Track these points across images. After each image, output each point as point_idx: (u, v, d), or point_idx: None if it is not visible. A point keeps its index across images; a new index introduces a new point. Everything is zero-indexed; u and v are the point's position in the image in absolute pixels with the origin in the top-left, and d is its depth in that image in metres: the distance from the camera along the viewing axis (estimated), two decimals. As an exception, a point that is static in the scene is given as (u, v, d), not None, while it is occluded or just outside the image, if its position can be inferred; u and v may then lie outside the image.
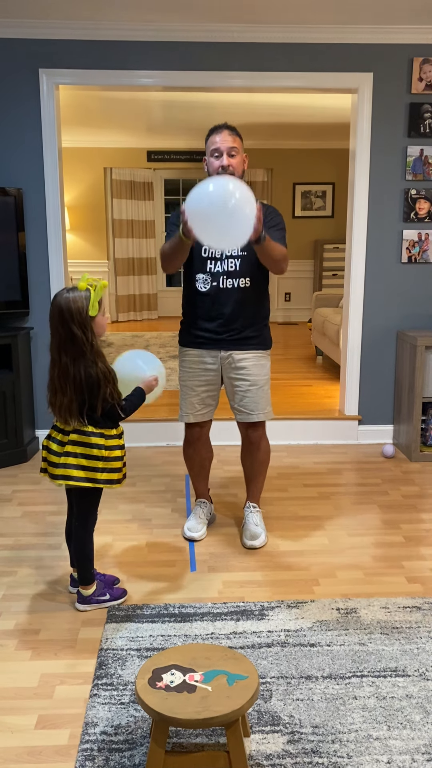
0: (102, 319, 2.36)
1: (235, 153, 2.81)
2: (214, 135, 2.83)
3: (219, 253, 2.86)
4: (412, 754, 1.82)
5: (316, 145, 8.87)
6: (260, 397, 2.97)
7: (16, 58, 4.01)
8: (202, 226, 2.51)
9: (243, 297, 2.90)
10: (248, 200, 2.47)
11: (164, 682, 1.69)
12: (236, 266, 2.86)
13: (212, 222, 2.48)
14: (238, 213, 2.45)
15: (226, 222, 2.46)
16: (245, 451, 3.10)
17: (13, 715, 1.99)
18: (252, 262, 2.87)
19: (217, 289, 2.89)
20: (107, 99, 6.04)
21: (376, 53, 4.10)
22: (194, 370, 3.00)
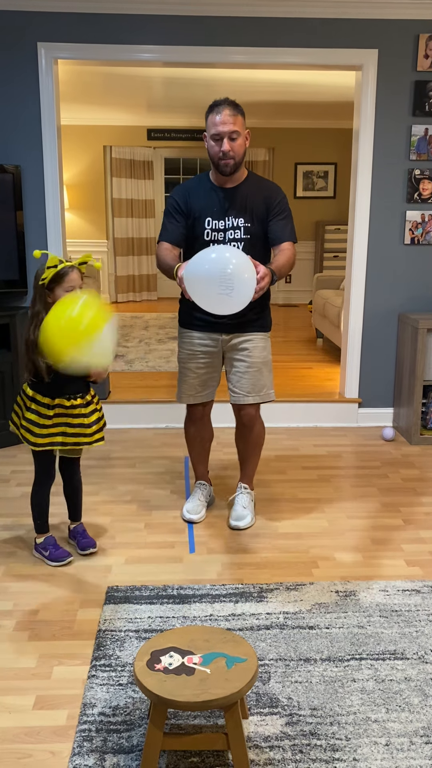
0: (64, 294, 2.48)
1: (236, 136, 2.70)
2: (213, 114, 2.71)
3: (222, 236, 2.81)
4: (411, 737, 1.82)
5: (318, 125, 8.75)
6: (257, 379, 2.93)
7: (13, 31, 3.93)
8: (200, 296, 2.51)
9: None
10: (246, 267, 2.45)
11: (163, 665, 1.68)
12: (239, 249, 2.76)
13: (211, 293, 2.47)
14: (237, 282, 2.44)
15: (225, 294, 2.45)
16: (238, 432, 3.07)
17: (11, 695, 1.99)
18: (255, 246, 2.82)
19: None
20: (107, 75, 5.95)
21: (381, 29, 4.02)
22: (194, 352, 2.96)
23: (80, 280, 2.54)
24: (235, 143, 2.70)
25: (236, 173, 2.79)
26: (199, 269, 2.47)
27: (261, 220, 2.81)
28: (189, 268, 2.50)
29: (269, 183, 2.92)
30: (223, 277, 2.41)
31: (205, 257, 2.48)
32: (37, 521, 2.77)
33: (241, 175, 2.83)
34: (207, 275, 2.44)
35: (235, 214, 2.80)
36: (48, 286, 2.51)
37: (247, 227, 2.81)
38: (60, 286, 2.50)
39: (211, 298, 2.48)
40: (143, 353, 6.05)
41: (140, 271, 9.34)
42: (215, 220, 2.80)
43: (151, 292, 9.50)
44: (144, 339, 6.68)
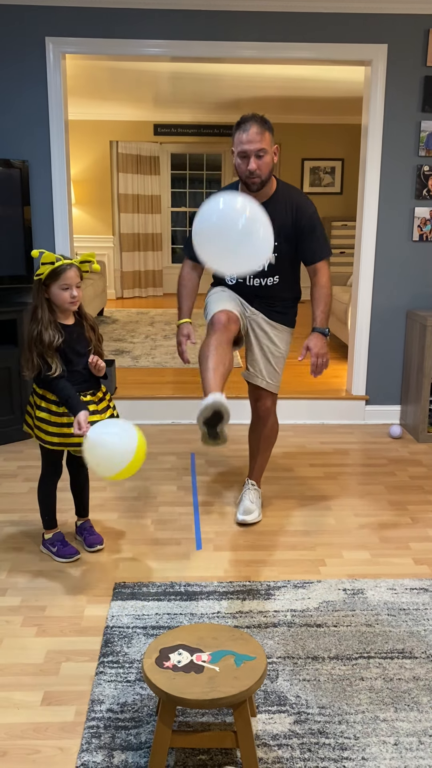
0: (60, 293, 2.50)
1: (263, 154, 2.64)
2: (240, 132, 2.64)
3: None
4: (419, 736, 1.82)
5: (326, 120, 8.72)
6: (273, 366, 2.95)
7: (22, 25, 3.92)
8: (210, 252, 2.33)
9: (272, 292, 2.88)
10: (261, 221, 2.25)
11: (171, 662, 1.68)
12: (264, 267, 2.78)
13: (222, 248, 2.28)
14: (251, 236, 2.24)
15: (236, 248, 2.25)
16: (253, 425, 3.08)
17: (20, 691, 1.99)
18: (283, 265, 2.83)
19: (244, 285, 2.87)
20: (114, 70, 5.93)
21: (390, 24, 3.99)
22: (226, 292, 2.89)
23: (77, 279, 2.52)
24: (262, 161, 2.65)
25: (264, 189, 2.75)
26: (207, 223, 2.25)
27: (289, 239, 2.79)
28: (197, 221, 2.29)
29: (298, 196, 2.84)
30: (235, 231, 2.21)
31: (213, 208, 2.26)
32: (44, 517, 2.76)
33: (270, 189, 2.78)
34: (216, 230, 2.24)
35: None
36: (44, 282, 2.50)
37: (276, 246, 2.70)
38: (55, 283, 2.49)
39: (222, 256, 2.31)
40: (149, 349, 6.05)
41: (146, 267, 9.33)
42: None
43: (156, 288, 9.49)
44: (150, 335, 6.68)
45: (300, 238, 2.80)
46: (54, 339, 2.51)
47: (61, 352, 2.53)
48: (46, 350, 2.50)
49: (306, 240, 2.80)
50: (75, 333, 2.59)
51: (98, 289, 7.25)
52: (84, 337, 2.62)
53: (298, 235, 2.79)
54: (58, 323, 2.56)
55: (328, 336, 2.84)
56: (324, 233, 2.85)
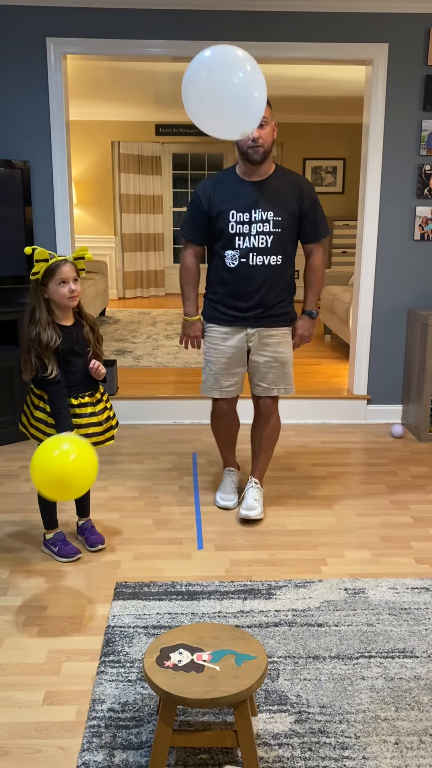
0: (57, 288, 2.49)
1: (264, 123, 2.69)
2: None
3: (248, 229, 2.78)
4: (420, 735, 1.81)
5: (327, 120, 8.71)
6: (283, 373, 2.97)
7: (22, 26, 3.92)
8: (198, 103, 2.21)
9: (272, 274, 2.85)
10: (258, 82, 2.18)
11: (172, 662, 1.68)
12: (267, 243, 2.79)
13: (212, 101, 2.18)
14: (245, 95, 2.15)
15: (230, 104, 2.15)
16: (255, 424, 3.10)
17: (21, 691, 1.99)
18: (285, 241, 2.83)
19: (246, 266, 2.82)
20: (115, 70, 5.93)
21: (391, 23, 3.99)
22: (218, 346, 2.96)
23: (74, 274, 2.51)
24: (264, 131, 2.70)
25: (264, 165, 2.78)
26: (197, 79, 2.15)
27: (292, 215, 2.82)
28: (186, 77, 2.21)
29: (300, 179, 2.91)
30: (229, 88, 2.15)
31: (202, 63, 2.19)
32: (45, 517, 2.76)
33: (269, 168, 2.82)
34: (208, 86, 2.14)
35: (264, 207, 2.78)
36: (41, 281, 2.49)
37: (278, 221, 2.78)
38: (52, 280, 2.48)
39: (213, 116, 2.21)
40: (151, 349, 6.05)
41: (148, 267, 9.33)
42: (240, 212, 2.78)
43: (158, 288, 9.49)
44: (152, 335, 6.68)
45: (303, 218, 2.85)
46: (52, 340, 2.49)
47: (59, 353, 2.52)
48: (43, 351, 2.49)
49: (306, 221, 2.85)
50: (74, 334, 2.58)
51: (100, 290, 7.25)
52: (83, 338, 2.61)
53: (301, 216, 2.84)
54: (57, 324, 2.54)
55: (315, 317, 3.02)
56: (323, 212, 2.91)
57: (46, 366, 2.49)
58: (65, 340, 2.53)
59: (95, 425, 2.63)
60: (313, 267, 2.98)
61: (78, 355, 2.58)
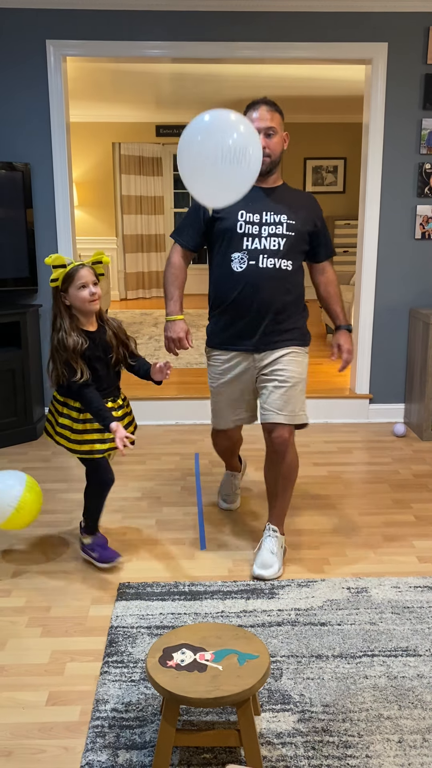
0: (77, 293, 2.45)
1: (272, 132, 2.56)
2: (250, 112, 2.58)
3: (257, 230, 2.57)
4: (423, 734, 1.82)
5: (327, 119, 8.71)
6: (291, 396, 2.60)
7: (22, 28, 3.93)
8: (194, 175, 2.15)
9: (283, 281, 2.60)
10: (252, 137, 2.09)
11: (175, 661, 1.68)
12: (279, 246, 2.57)
13: (207, 174, 2.10)
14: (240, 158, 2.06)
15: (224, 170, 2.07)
16: (268, 461, 2.68)
17: (25, 691, 2.00)
18: (297, 248, 2.63)
19: (255, 269, 2.56)
20: (116, 72, 5.94)
21: (390, 22, 3.99)
22: (224, 374, 2.73)
23: (92, 277, 2.46)
24: (272, 140, 2.57)
25: (273, 175, 2.65)
26: (192, 142, 2.05)
27: (305, 226, 2.64)
28: (181, 140, 2.12)
29: (307, 194, 2.80)
30: (224, 151, 2.03)
31: (199, 126, 2.09)
32: (88, 521, 2.70)
33: (278, 179, 2.70)
34: (202, 150, 2.03)
35: (277, 209, 2.60)
36: (61, 287, 2.45)
37: (292, 224, 2.60)
38: (72, 284, 2.43)
39: (207, 182, 2.11)
40: (153, 350, 6.05)
41: (149, 268, 9.34)
42: (249, 212, 2.59)
43: (160, 289, 9.50)
44: (154, 336, 6.69)
45: (316, 234, 2.70)
46: (78, 344, 2.42)
47: (85, 358, 2.45)
48: (70, 355, 2.41)
49: (320, 237, 2.72)
50: (98, 339, 2.51)
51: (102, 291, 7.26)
52: (106, 342, 2.53)
53: (314, 231, 2.69)
54: (82, 330, 2.48)
55: (351, 331, 2.86)
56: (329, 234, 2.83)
57: (75, 370, 2.41)
58: (90, 345, 2.47)
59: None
60: (331, 280, 2.81)
61: (102, 360, 2.52)
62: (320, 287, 2.82)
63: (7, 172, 3.97)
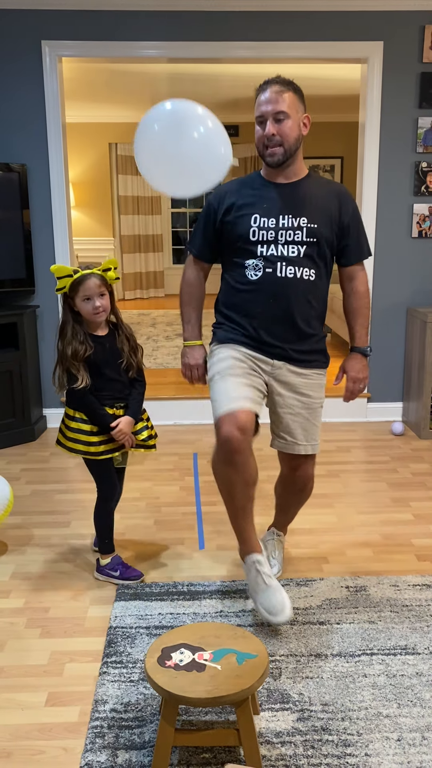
0: (82, 305, 2.41)
1: (282, 117, 2.17)
2: (259, 94, 2.22)
3: (273, 236, 2.21)
4: (423, 732, 1.82)
5: (324, 118, 8.71)
6: (312, 424, 2.35)
7: (17, 29, 3.93)
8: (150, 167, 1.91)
9: (305, 293, 2.24)
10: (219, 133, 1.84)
11: (173, 661, 1.68)
12: (299, 253, 2.21)
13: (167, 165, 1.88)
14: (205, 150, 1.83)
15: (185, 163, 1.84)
16: (285, 485, 2.50)
17: (24, 692, 2.00)
18: (321, 254, 2.25)
19: (273, 278, 2.21)
20: (112, 72, 5.94)
21: (386, 21, 4.00)
22: (235, 360, 2.27)
23: (98, 289, 2.39)
24: (283, 126, 2.17)
25: (291, 166, 2.25)
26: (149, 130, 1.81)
27: (331, 226, 2.26)
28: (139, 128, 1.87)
29: (338, 185, 2.35)
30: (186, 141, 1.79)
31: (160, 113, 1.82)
32: (104, 540, 2.59)
33: (300, 170, 2.28)
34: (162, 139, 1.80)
35: (295, 212, 2.22)
36: (69, 293, 2.41)
37: (313, 228, 2.21)
38: (77, 295, 2.39)
39: (166, 173, 1.86)
40: (151, 350, 6.06)
41: (147, 268, 9.34)
42: (264, 217, 2.22)
43: (158, 289, 9.50)
44: (152, 336, 6.69)
45: (345, 231, 2.29)
46: (79, 351, 2.40)
47: (91, 363, 2.43)
48: (71, 363, 2.41)
49: (352, 235, 2.30)
50: (107, 344, 2.49)
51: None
52: (116, 348, 2.51)
53: (341, 229, 2.28)
54: (89, 334, 2.45)
55: (369, 355, 2.41)
56: (365, 230, 2.38)
57: (76, 377, 2.41)
58: (98, 349, 2.45)
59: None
60: (359, 293, 2.36)
61: (111, 364, 2.49)
62: (345, 297, 2.41)
63: (4, 174, 3.97)
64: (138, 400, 2.55)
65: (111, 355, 2.49)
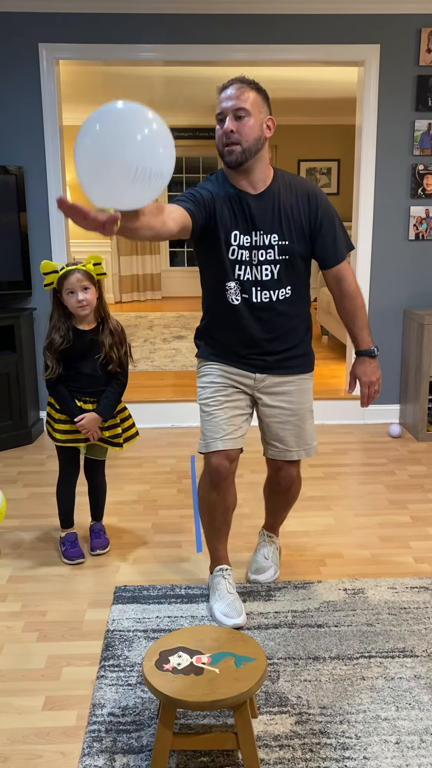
0: (67, 298, 2.53)
1: (243, 114, 2.07)
2: (221, 92, 2.13)
3: (248, 255, 2.16)
4: (421, 735, 1.81)
5: (321, 121, 8.74)
6: (302, 429, 2.35)
7: (14, 32, 3.93)
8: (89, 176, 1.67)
9: (284, 312, 2.23)
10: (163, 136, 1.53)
11: (171, 665, 1.68)
12: (273, 274, 2.18)
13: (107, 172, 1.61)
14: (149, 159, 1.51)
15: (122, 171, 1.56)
16: (271, 487, 2.51)
17: (21, 696, 1.99)
18: (296, 267, 2.21)
19: (250, 304, 2.20)
20: (108, 75, 5.95)
21: (382, 24, 4.01)
22: (219, 384, 2.28)
23: (81, 283, 2.51)
24: (243, 124, 2.07)
25: (255, 172, 2.14)
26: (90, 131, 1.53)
27: (302, 238, 2.19)
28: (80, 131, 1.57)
29: (306, 183, 2.24)
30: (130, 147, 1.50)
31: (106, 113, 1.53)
32: (60, 516, 2.80)
33: (266, 175, 2.17)
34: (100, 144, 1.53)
35: (267, 227, 2.16)
36: (57, 288, 2.54)
37: (284, 246, 2.17)
38: (63, 289, 2.53)
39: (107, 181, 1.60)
40: (148, 353, 6.05)
41: (144, 271, 9.34)
42: (243, 234, 2.16)
43: (155, 292, 9.50)
44: (149, 338, 6.69)
45: (316, 234, 2.20)
46: (54, 343, 2.55)
47: (66, 356, 2.57)
48: (44, 352, 2.58)
49: (326, 236, 2.20)
50: (88, 338, 2.60)
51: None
52: (96, 343, 2.60)
53: (313, 232, 2.20)
54: (73, 328, 2.58)
55: (377, 355, 2.32)
56: (342, 227, 2.25)
57: (48, 366, 2.57)
58: (76, 344, 2.57)
59: (103, 429, 2.68)
60: (350, 293, 2.26)
61: (86, 359, 2.59)
62: (338, 301, 2.30)
63: (1, 176, 3.96)
64: (110, 398, 2.64)
65: (89, 349, 2.59)
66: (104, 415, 2.61)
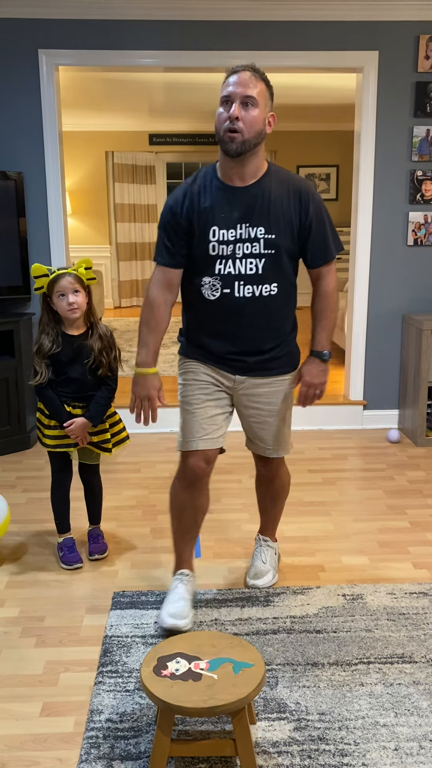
0: (58, 302, 2.53)
1: (251, 102, 2.02)
2: (230, 76, 2.06)
3: (231, 250, 2.12)
4: (420, 741, 1.81)
5: (319, 127, 8.76)
6: (281, 429, 2.37)
7: (14, 38, 3.94)
8: None
9: (267, 310, 2.19)
10: None
11: (169, 671, 1.67)
12: (257, 268, 2.14)
13: None
14: None
15: None
16: (259, 481, 2.56)
17: (18, 702, 1.98)
18: (282, 264, 2.17)
19: (230, 298, 2.15)
20: (108, 81, 5.96)
21: (381, 31, 4.02)
22: (200, 383, 2.28)
23: (72, 286, 2.52)
24: (248, 113, 2.02)
25: (249, 165, 2.10)
26: None
27: (291, 234, 2.16)
28: None
29: (297, 179, 2.20)
30: None
31: None
32: (55, 521, 2.80)
33: (258, 168, 2.13)
34: None
35: (253, 220, 2.11)
36: (47, 293, 2.55)
37: (270, 239, 2.12)
38: (53, 293, 2.53)
39: None
40: (147, 358, 6.05)
41: (143, 276, 9.35)
42: (223, 228, 2.12)
43: (154, 297, 9.50)
44: (148, 343, 6.68)
45: (305, 233, 2.17)
46: (43, 347, 2.56)
47: (55, 360, 2.57)
48: (33, 357, 2.58)
49: (315, 235, 2.18)
50: (77, 342, 2.60)
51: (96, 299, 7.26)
52: (85, 348, 2.60)
53: (302, 231, 2.17)
54: (62, 333, 2.59)
55: (328, 360, 2.30)
56: (333, 227, 2.24)
57: (37, 371, 2.57)
58: (65, 349, 2.57)
59: (92, 434, 2.67)
60: (324, 294, 2.27)
61: (75, 364, 2.59)
62: (313, 298, 2.33)
63: (1, 182, 3.97)
64: (100, 404, 2.64)
65: (78, 354, 2.60)
66: (94, 420, 2.61)
